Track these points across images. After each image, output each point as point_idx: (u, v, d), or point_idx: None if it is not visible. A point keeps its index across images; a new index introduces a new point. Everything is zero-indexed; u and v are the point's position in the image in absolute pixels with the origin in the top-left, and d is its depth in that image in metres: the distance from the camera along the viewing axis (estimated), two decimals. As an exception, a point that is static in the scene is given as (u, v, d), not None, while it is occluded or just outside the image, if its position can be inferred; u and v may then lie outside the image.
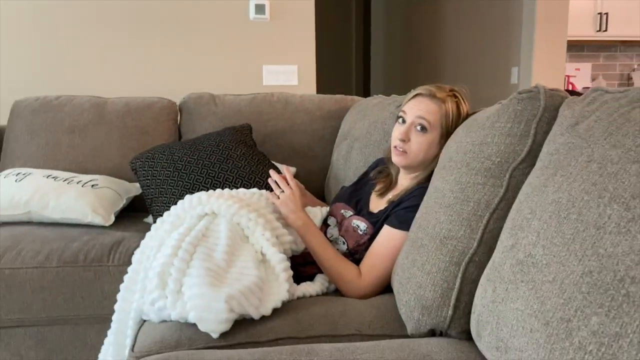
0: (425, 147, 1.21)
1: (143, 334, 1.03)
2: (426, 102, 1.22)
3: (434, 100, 1.21)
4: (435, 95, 1.21)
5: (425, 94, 1.23)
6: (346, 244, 1.28)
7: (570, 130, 0.78)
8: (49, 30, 2.61)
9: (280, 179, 1.33)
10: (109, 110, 2.07)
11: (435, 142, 1.21)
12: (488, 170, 0.95)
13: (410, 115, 1.23)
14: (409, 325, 0.99)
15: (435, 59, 4.74)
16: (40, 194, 1.70)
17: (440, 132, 1.20)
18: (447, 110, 1.20)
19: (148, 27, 2.71)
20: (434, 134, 1.20)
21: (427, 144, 1.21)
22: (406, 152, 1.22)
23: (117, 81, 2.70)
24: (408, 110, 1.24)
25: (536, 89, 0.94)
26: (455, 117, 1.20)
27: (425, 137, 1.20)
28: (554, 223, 0.70)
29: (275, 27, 2.84)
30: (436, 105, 1.20)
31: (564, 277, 0.64)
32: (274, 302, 1.05)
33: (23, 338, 1.54)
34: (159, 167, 1.69)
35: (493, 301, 0.77)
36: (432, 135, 1.20)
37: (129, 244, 1.59)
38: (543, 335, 0.64)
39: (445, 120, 1.20)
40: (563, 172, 0.73)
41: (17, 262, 1.49)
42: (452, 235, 0.95)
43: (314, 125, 2.13)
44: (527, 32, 3.40)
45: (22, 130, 2.03)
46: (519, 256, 0.74)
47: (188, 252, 1.07)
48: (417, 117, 1.21)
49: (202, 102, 2.14)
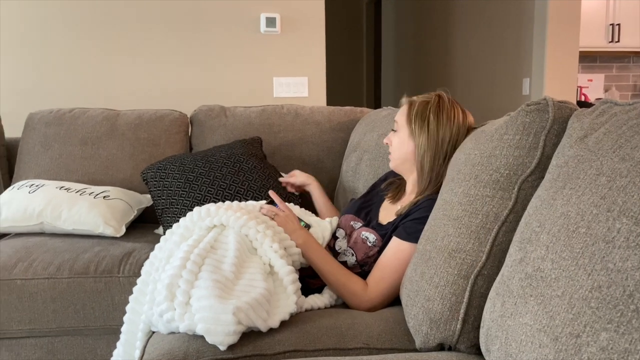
0: (397, 144, 1.31)
1: (151, 345, 1.03)
2: (403, 107, 1.35)
3: (407, 104, 1.33)
4: (411, 99, 1.33)
5: (404, 101, 1.36)
6: (355, 255, 1.28)
7: (579, 142, 0.78)
8: (62, 43, 2.65)
9: (280, 201, 1.39)
10: (121, 123, 2.10)
11: (405, 138, 1.30)
12: (496, 183, 0.94)
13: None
14: (417, 339, 0.98)
15: (446, 71, 4.74)
16: (53, 205, 1.73)
17: (407, 129, 1.29)
18: (411, 108, 1.30)
19: (160, 40, 2.75)
20: (403, 131, 1.31)
21: (398, 141, 1.31)
22: (391, 153, 1.35)
23: (129, 94, 2.74)
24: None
25: (544, 100, 0.93)
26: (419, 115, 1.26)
27: (397, 135, 1.32)
28: (562, 237, 0.69)
29: (286, 40, 2.87)
30: (407, 106, 1.32)
31: (573, 292, 0.63)
32: (282, 315, 1.04)
33: (34, 349, 1.55)
34: (170, 178, 1.70)
35: (502, 315, 0.77)
36: (401, 132, 1.31)
37: (140, 255, 1.60)
38: (552, 351, 0.63)
39: (408, 117, 1.29)
40: (572, 185, 0.73)
41: (29, 273, 1.51)
42: (460, 248, 0.94)
43: (323, 137, 2.14)
44: (539, 43, 3.39)
45: (35, 142, 2.06)
46: (527, 270, 0.74)
47: (196, 264, 1.07)
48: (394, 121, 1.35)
49: (212, 114, 2.16)
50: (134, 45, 2.72)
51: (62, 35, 2.65)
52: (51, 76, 2.66)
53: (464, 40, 4.41)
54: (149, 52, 2.74)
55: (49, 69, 2.65)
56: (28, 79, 2.64)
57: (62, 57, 2.66)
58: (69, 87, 2.68)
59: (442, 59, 4.79)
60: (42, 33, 2.63)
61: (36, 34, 2.63)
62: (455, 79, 4.54)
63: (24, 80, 2.64)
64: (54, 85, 2.66)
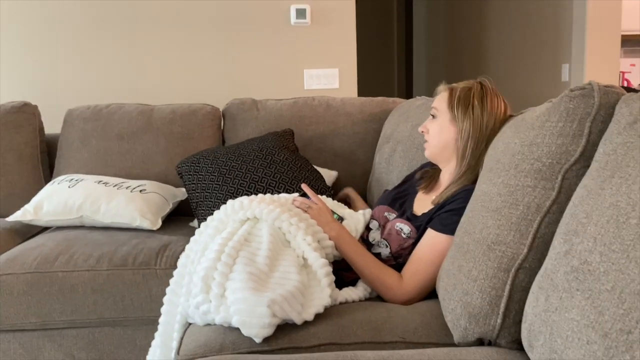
0: (437, 131, 1.28)
1: (188, 337, 1.04)
2: (441, 93, 1.31)
3: (446, 90, 1.29)
4: (451, 85, 1.30)
5: (440, 88, 1.33)
6: (389, 247, 1.26)
7: (629, 129, 0.74)
8: (98, 40, 2.71)
9: (312, 194, 1.37)
10: (155, 118, 2.13)
11: (446, 125, 1.26)
12: (538, 172, 0.90)
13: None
14: (455, 333, 0.96)
15: (479, 58, 4.62)
16: (92, 199, 1.77)
17: (449, 114, 1.25)
18: (452, 94, 1.26)
19: (192, 33, 2.77)
20: (443, 117, 1.27)
21: (439, 127, 1.27)
22: (427, 141, 1.31)
23: (163, 88, 2.78)
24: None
25: (589, 85, 0.89)
26: (463, 100, 1.23)
27: (436, 121, 1.28)
28: (612, 228, 0.65)
29: (316, 31, 2.85)
30: (445, 92, 1.29)
31: (624, 286, 0.60)
32: (316, 308, 1.04)
33: (75, 339, 1.59)
34: (203, 171, 1.72)
35: (546, 310, 0.74)
36: (440, 119, 1.27)
37: (175, 247, 1.62)
38: (601, 348, 0.60)
39: (449, 103, 1.26)
40: (622, 174, 0.69)
41: (70, 265, 1.55)
42: (500, 241, 0.91)
43: (355, 128, 2.11)
44: (579, 26, 3.25)
45: (74, 138, 2.11)
46: (573, 263, 0.70)
47: (231, 257, 1.08)
48: (431, 108, 1.31)
49: (244, 107, 2.17)
50: (165, 40, 2.76)
51: (97, 31, 2.70)
52: (87, 72, 2.72)
53: (497, 26, 4.28)
54: (181, 47, 2.77)
55: (85, 65, 2.71)
56: (65, 75, 2.70)
57: (96, 53, 2.71)
58: (104, 82, 2.73)
59: (476, 46, 4.67)
60: (77, 30, 2.69)
61: (71, 30, 2.69)
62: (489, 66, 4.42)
63: (63, 76, 2.70)
64: (91, 81, 2.72)
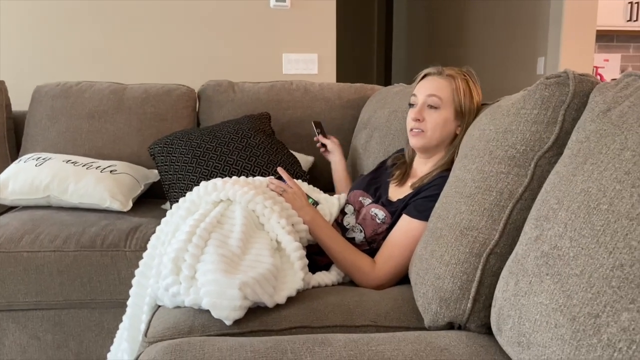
0: (441, 123, 1.20)
1: (157, 319, 1.02)
2: (435, 79, 1.22)
3: (442, 77, 1.22)
4: (444, 72, 1.22)
5: (433, 72, 1.24)
6: (363, 232, 1.25)
7: (602, 116, 0.74)
8: (69, 16, 2.62)
9: (288, 177, 1.34)
10: (128, 97, 2.08)
11: (451, 119, 1.20)
12: (512, 159, 0.91)
13: (421, 95, 1.23)
14: (426, 317, 0.97)
15: (458, 48, 4.64)
16: (59, 179, 1.71)
17: (454, 108, 1.19)
18: (458, 86, 1.20)
19: (168, 13, 2.70)
20: (448, 110, 1.19)
21: (443, 120, 1.20)
22: (423, 131, 1.21)
23: (136, 68, 2.70)
24: (418, 92, 1.24)
25: (565, 73, 0.89)
26: (468, 94, 1.19)
27: (439, 113, 1.20)
28: (582, 214, 0.66)
29: (296, 15, 2.81)
30: (446, 81, 1.21)
31: (593, 271, 0.61)
32: (289, 291, 1.03)
33: (41, 321, 1.55)
34: (177, 153, 1.68)
35: (515, 294, 0.74)
36: (445, 111, 1.19)
37: (146, 229, 1.59)
38: (569, 331, 0.61)
39: (456, 95, 1.19)
40: (594, 161, 0.69)
41: (36, 245, 1.50)
42: (472, 226, 0.92)
43: (333, 114, 2.10)
44: (555, 21, 3.29)
45: (42, 115, 2.04)
46: (544, 248, 0.71)
47: (202, 239, 1.06)
48: (427, 95, 1.21)
49: (221, 89, 2.13)
50: (139, 17, 2.68)
51: (68, 6, 2.61)
52: (57, 49, 2.63)
53: (477, 18, 4.31)
54: (156, 25, 2.70)
55: (54, 42, 2.62)
56: (34, 51, 2.61)
57: (67, 29, 2.62)
58: (75, 59, 2.65)
59: (455, 36, 4.69)
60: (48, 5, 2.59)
61: (41, 6, 2.59)
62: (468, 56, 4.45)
63: (31, 52, 2.61)
64: (60, 58, 2.63)
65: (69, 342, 1.58)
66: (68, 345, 1.58)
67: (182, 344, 0.83)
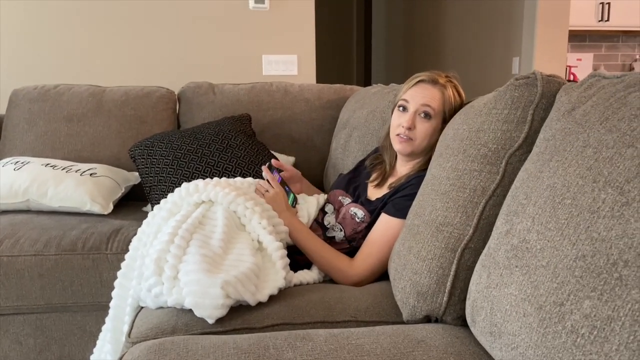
0: (430, 133, 1.21)
1: (140, 320, 1.03)
2: (429, 88, 1.22)
3: (436, 87, 1.22)
4: (438, 81, 1.22)
5: (427, 80, 1.23)
6: (343, 231, 1.28)
7: (567, 115, 0.78)
8: (46, 18, 2.59)
9: (272, 178, 1.35)
10: (107, 99, 2.07)
11: (439, 128, 1.21)
12: (484, 157, 0.94)
13: (413, 102, 1.22)
14: (404, 311, 1.00)
15: (436, 49, 4.71)
16: (38, 183, 1.70)
17: (442, 118, 1.21)
18: (449, 96, 1.21)
19: (147, 15, 2.69)
20: (438, 119, 1.21)
21: (432, 130, 1.21)
22: (412, 139, 1.22)
23: (115, 70, 2.69)
24: (410, 98, 1.23)
25: (533, 75, 0.93)
26: (457, 104, 1.22)
27: (430, 123, 1.21)
28: (548, 208, 0.70)
29: (275, 17, 2.83)
30: (439, 91, 1.22)
31: (558, 262, 0.64)
32: (271, 289, 1.05)
33: (22, 325, 1.54)
34: (157, 155, 1.69)
35: (487, 287, 0.77)
36: (435, 121, 1.21)
37: (128, 232, 1.59)
38: (536, 320, 0.64)
39: (446, 106, 1.21)
40: (559, 158, 0.73)
41: (16, 249, 1.49)
42: (448, 222, 0.95)
43: (312, 114, 2.12)
44: (529, 22, 3.37)
45: (20, 119, 2.03)
46: (513, 242, 0.74)
47: (184, 239, 1.07)
48: (421, 104, 1.21)
49: (200, 91, 2.14)
50: (118, 19, 2.67)
51: (46, 8, 2.58)
52: (34, 51, 2.60)
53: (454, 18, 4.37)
54: (135, 27, 2.69)
55: (31, 44, 2.59)
56: (11, 53, 2.58)
57: (44, 32, 2.60)
58: (53, 62, 2.62)
59: (433, 37, 4.75)
60: (25, 6, 2.57)
61: (18, 7, 2.56)
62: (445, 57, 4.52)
63: (8, 54, 2.58)
64: (38, 61, 2.61)
65: (51, 346, 1.57)
66: (50, 349, 1.57)
67: (166, 343, 0.84)
